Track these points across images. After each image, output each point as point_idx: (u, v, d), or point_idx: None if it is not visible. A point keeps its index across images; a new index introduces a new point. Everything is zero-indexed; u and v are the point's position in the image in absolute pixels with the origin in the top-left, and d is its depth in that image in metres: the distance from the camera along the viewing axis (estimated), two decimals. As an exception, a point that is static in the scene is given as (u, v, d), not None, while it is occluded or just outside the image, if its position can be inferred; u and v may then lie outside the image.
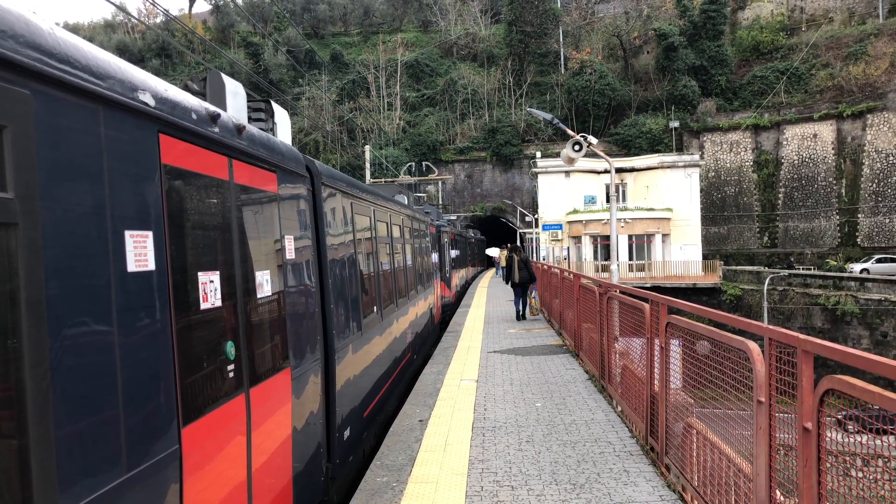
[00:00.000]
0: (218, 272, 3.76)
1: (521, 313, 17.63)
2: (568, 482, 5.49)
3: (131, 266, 2.89)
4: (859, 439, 2.69)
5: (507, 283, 19.30)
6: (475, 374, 10.36)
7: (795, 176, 54.06)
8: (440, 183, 58.88)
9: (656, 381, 5.80)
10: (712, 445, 4.49)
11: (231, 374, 3.88)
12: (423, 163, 55.43)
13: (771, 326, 3.58)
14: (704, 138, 57.81)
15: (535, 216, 49.43)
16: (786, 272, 40.62)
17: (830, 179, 52.69)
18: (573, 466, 5.89)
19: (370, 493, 5.43)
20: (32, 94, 2.34)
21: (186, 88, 4.64)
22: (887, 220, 49.73)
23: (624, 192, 47.65)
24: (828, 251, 51.02)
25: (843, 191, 52.18)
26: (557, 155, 44.12)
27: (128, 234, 2.88)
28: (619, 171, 45.28)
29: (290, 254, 5.14)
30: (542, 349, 12.69)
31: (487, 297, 26.16)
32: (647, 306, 6.15)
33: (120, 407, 2.75)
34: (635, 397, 6.74)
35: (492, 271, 50.17)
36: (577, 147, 15.12)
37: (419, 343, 13.77)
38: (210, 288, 3.64)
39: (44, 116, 2.40)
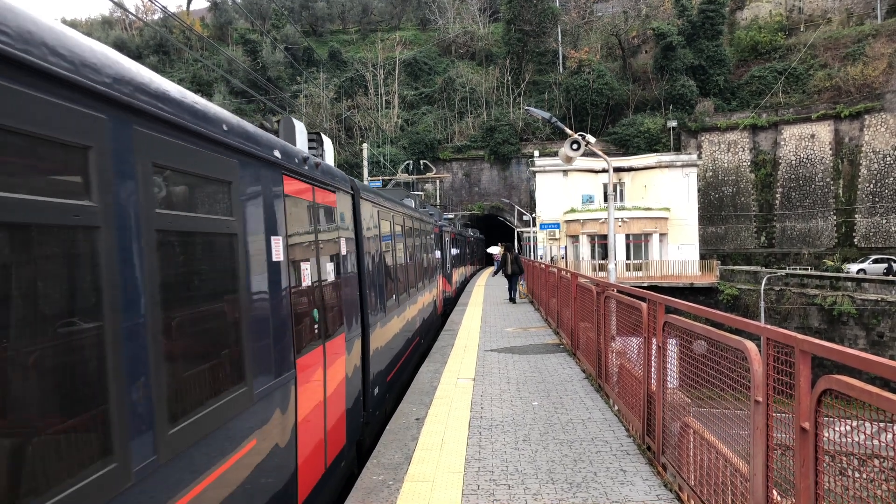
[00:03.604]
0: (309, 263, 5.63)
1: (512, 298, 22.95)
2: (564, 481, 5.49)
3: (274, 257, 4.67)
4: (856, 439, 2.69)
5: (495, 274, 27.48)
6: (472, 372, 10.35)
7: (793, 176, 54.11)
8: (438, 181, 58.81)
9: (653, 381, 5.79)
10: (709, 445, 4.48)
11: (317, 331, 5.74)
12: (421, 161, 55.34)
13: (768, 326, 3.57)
14: (702, 138, 57.83)
15: (533, 215, 49.41)
16: (783, 272, 40.65)
17: (828, 180, 52.74)
18: (570, 465, 5.89)
19: (366, 492, 5.41)
20: (239, 162, 4.10)
21: (262, 127, 5.90)
22: (884, 221, 49.81)
23: (622, 191, 47.68)
24: (825, 251, 51.09)
25: (840, 191, 52.25)
26: (555, 154, 44.06)
27: (272, 238, 4.65)
28: (617, 170, 45.31)
29: (343, 250, 7.05)
30: (539, 348, 12.69)
31: (485, 296, 26.15)
32: (644, 305, 6.15)
33: (271, 338, 4.50)
34: (632, 396, 6.74)
35: (490, 269, 49.91)
36: (575, 146, 15.10)
37: (425, 329, 15.85)
38: (305, 273, 5.52)
39: (242, 174, 4.15)
